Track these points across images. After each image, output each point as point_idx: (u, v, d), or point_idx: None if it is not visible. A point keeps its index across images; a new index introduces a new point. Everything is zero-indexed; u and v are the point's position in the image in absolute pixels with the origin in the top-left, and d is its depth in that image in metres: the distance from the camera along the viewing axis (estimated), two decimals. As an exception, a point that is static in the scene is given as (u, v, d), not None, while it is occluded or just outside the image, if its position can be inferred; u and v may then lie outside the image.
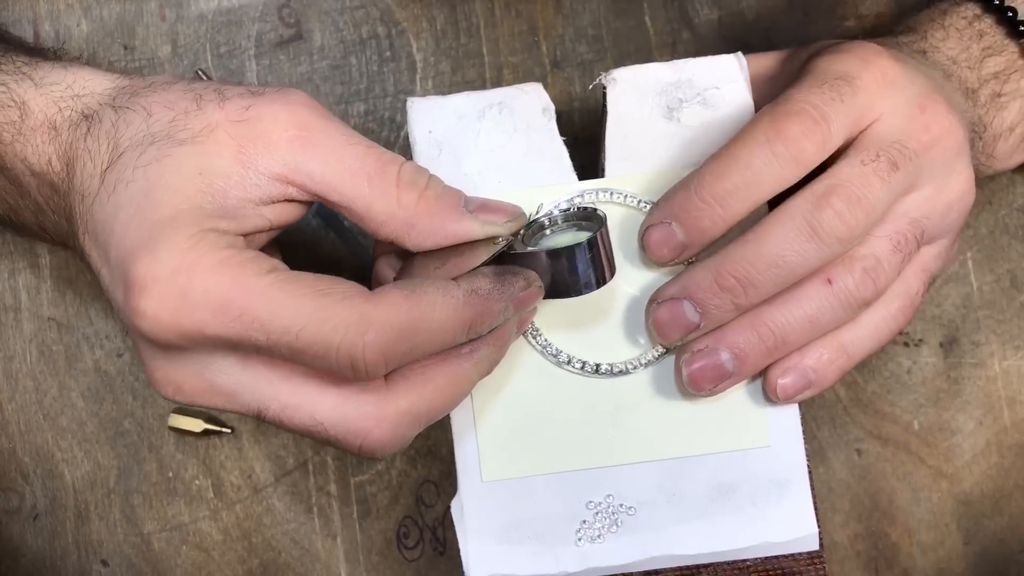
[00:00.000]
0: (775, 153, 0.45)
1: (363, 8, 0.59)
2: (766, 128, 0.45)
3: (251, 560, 0.58)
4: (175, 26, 0.59)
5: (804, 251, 0.45)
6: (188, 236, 0.40)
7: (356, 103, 0.59)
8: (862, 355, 0.48)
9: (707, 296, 0.46)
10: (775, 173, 0.45)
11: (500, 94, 0.49)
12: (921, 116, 0.47)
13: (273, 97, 0.43)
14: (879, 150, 0.46)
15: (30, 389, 0.58)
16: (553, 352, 0.48)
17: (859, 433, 0.58)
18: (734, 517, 0.48)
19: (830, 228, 0.45)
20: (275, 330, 0.39)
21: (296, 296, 0.40)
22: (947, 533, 0.57)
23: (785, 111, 0.45)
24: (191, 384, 0.43)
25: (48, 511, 0.58)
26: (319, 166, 0.42)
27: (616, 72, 0.49)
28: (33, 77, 0.46)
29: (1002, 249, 0.59)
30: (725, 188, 0.45)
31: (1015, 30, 0.52)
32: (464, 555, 0.48)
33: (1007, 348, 0.58)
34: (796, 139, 0.45)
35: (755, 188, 0.45)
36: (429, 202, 0.43)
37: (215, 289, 0.39)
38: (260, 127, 0.42)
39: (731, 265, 0.45)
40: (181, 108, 0.43)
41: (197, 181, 0.41)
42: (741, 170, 0.45)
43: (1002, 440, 0.58)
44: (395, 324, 0.40)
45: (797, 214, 0.45)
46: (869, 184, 0.45)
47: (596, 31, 0.59)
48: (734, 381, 0.47)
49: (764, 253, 0.45)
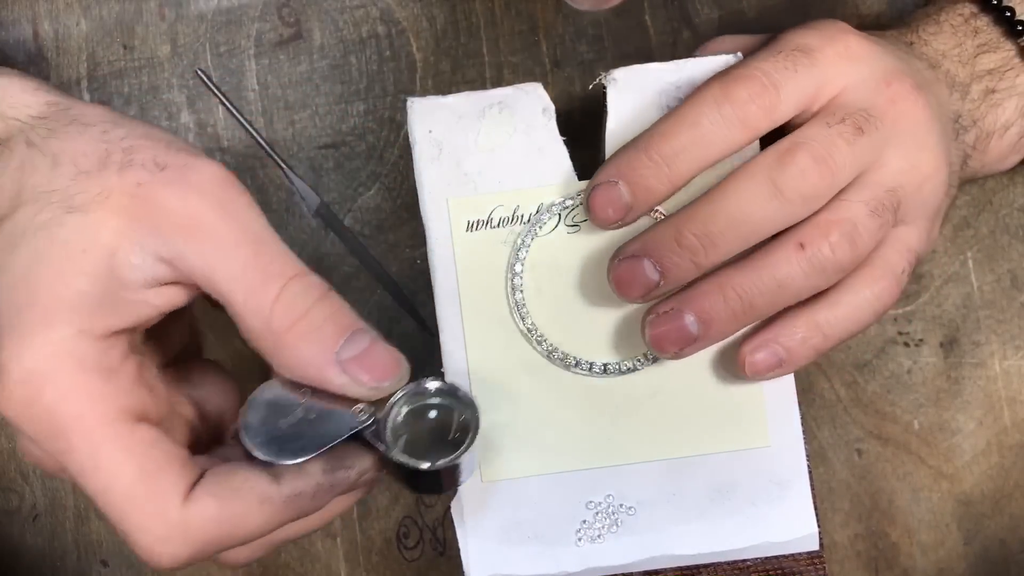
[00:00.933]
0: (723, 115, 0.45)
1: (363, 7, 0.59)
2: (715, 91, 0.45)
3: (251, 560, 0.58)
4: (174, 25, 0.59)
5: (766, 208, 0.45)
6: (58, 339, 0.38)
7: (356, 102, 0.58)
8: (840, 336, 0.48)
9: (666, 254, 0.45)
10: (722, 135, 0.45)
11: (500, 94, 0.49)
12: (886, 89, 0.47)
13: (172, 177, 0.40)
14: (844, 115, 0.46)
15: (30, 389, 0.58)
16: (560, 356, 0.48)
17: (859, 433, 0.58)
18: (734, 517, 0.48)
19: (793, 185, 0.44)
20: (89, 480, 0.39)
21: (124, 459, 0.38)
22: (947, 533, 0.57)
23: (735, 75, 0.46)
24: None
25: (48, 511, 0.58)
26: (199, 261, 0.40)
27: (616, 72, 0.49)
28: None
29: (1003, 249, 0.59)
30: (672, 147, 0.45)
31: (1013, 29, 0.52)
32: (464, 555, 0.48)
33: (1007, 348, 0.58)
34: (743, 102, 0.45)
35: (702, 148, 0.45)
36: (299, 333, 0.40)
37: (55, 412, 0.38)
38: (149, 207, 0.40)
39: (691, 223, 0.45)
40: (85, 165, 0.41)
41: (81, 260, 0.39)
42: (688, 129, 0.45)
43: (1003, 440, 0.58)
44: (201, 539, 0.39)
45: (759, 171, 0.45)
46: (834, 144, 0.45)
47: (596, 31, 0.59)
48: (700, 345, 0.46)
49: (725, 210, 0.45)
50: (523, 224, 0.48)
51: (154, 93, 0.59)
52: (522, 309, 0.48)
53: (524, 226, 0.48)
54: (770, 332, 0.47)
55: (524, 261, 0.48)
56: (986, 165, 0.53)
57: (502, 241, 0.48)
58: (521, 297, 0.48)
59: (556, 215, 0.48)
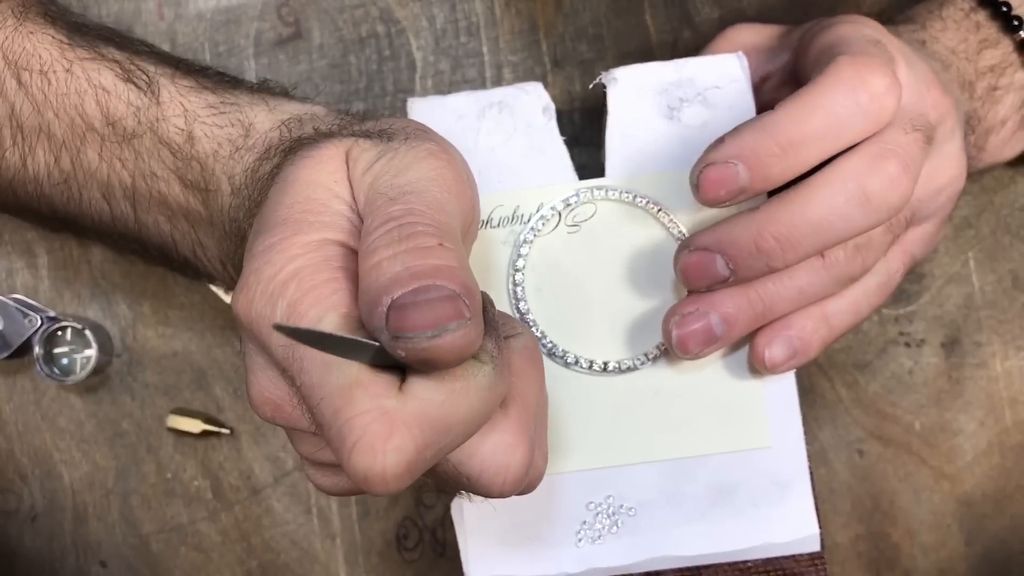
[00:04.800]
0: (859, 103, 0.42)
1: (362, 7, 0.59)
2: (851, 76, 0.42)
3: (250, 561, 0.58)
4: (173, 25, 0.59)
5: (851, 217, 0.43)
6: (315, 238, 0.37)
7: (355, 102, 0.58)
8: (843, 328, 0.48)
9: (743, 255, 0.44)
10: (856, 125, 0.42)
11: (500, 93, 0.49)
12: (928, 95, 0.46)
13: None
14: (911, 121, 0.44)
15: (28, 389, 0.58)
16: (560, 354, 0.48)
17: (860, 434, 0.57)
18: (735, 518, 0.48)
19: (883, 195, 0.42)
20: (305, 382, 0.35)
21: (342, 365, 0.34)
22: (949, 534, 0.57)
23: (866, 63, 0.43)
24: (287, 394, 0.37)
25: (46, 512, 0.58)
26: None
27: (617, 71, 0.49)
28: (268, 103, 0.46)
29: (1004, 249, 0.58)
30: (804, 134, 0.42)
31: (1009, 24, 0.52)
32: (464, 556, 0.48)
33: (1009, 348, 0.58)
34: (880, 94, 0.42)
35: (832, 138, 0.43)
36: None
37: (290, 302, 0.35)
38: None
39: (774, 225, 0.43)
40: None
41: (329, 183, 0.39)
42: (822, 117, 0.42)
43: (1004, 441, 0.58)
44: (424, 424, 0.34)
45: (850, 176, 0.43)
46: (916, 154, 0.43)
47: (597, 30, 0.59)
48: (720, 346, 0.46)
49: (810, 216, 0.43)
50: (523, 224, 0.48)
51: (153, 93, 0.58)
52: (522, 308, 0.48)
53: (524, 226, 0.48)
54: (783, 324, 0.47)
55: (524, 260, 0.48)
56: (981, 161, 0.53)
57: (502, 241, 0.48)
58: (521, 296, 0.48)
59: (556, 215, 0.48)
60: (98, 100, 0.46)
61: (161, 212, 0.48)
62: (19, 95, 0.47)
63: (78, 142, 0.47)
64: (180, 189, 0.46)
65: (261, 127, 0.45)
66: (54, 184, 0.48)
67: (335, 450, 0.33)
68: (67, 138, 0.47)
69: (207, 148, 0.45)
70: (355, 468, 0.33)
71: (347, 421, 0.33)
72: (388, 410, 0.33)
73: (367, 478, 0.33)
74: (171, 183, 0.46)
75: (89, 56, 0.46)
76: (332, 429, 0.33)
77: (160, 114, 0.46)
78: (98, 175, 0.47)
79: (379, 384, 0.34)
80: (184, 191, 0.46)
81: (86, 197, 0.48)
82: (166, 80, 0.46)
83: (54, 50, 0.46)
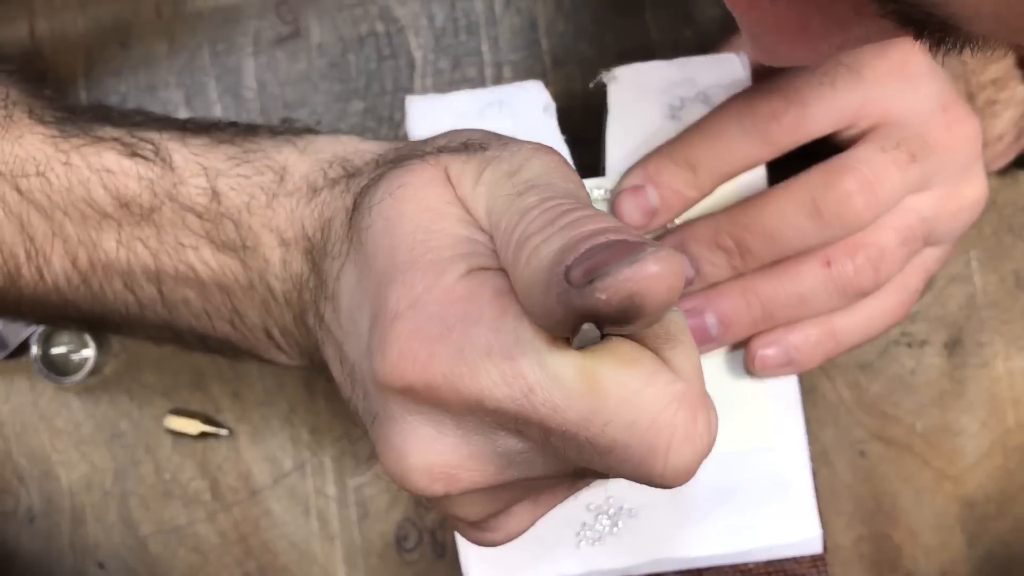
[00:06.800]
0: (744, 128, 0.45)
1: (361, 5, 0.59)
2: (740, 104, 0.45)
3: (248, 563, 0.57)
4: (172, 24, 0.59)
5: (802, 228, 0.44)
6: (459, 274, 0.34)
7: (354, 101, 0.58)
8: (851, 344, 0.47)
9: (702, 251, 0.45)
10: (743, 149, 0.45)
11: (500, 92, 0.49)
12: (943, 115, 0.46)
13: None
14: (899, 140, 0.45)
15: (26, 390, 0.58)
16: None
17: (862, 435, 0.57)
18: (736, 519, 0.48)
19: (835, 209, 0.43)
20: (571, 418, 0.31)
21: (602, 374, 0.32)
22: (951, 535, 0.57)
23: (764, 89, 0.45)
24: (467, 458, 0.34)
25: (44, 513, 0.58)
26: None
27: (617, 70, 0.49)
28: (296, 143, 0.42)
29: (1006, 249, 0.58)
30: (696, 155, 0.45)
31: None
32: (463, 558, 0.48)
33: (1011, 349, 0.58)
34: (765, 118, 0.44)
35: (722, 161, 0.45)
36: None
37: (494, 339, 0.32)
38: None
39: (729, 226, 0.45)
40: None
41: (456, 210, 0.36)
42: (710, 141, 0.45)
43: (1006, 442, 0.57)
44: (701, 385, 0.32)
45: (803, 189, 0.44)
46: (886, 171, 0.44)
47: (597, 28, 0.59)
48: (715, 346, 0.47)
49: (761, 222, 0.44)
50: (523, 223, 0.48)
51: (151, 92, 0.58)
52: (522, 309, 0.48)
53: (524, 225, 0.48)
54: (784, 331, 0.47)
55: (524, 261, 0.48)
56: None
57: (502, 241, 0.48)
58: (521, 297, 0.48)
59: (556, 214, 0.48)
60: (105, 184, 0.42)
61: (190, 288, 0.43)
62: (23, 205, 0.43)
63: (93, 234, 0.43)
64: (212, 254, 0.42)
65: (296, 170, 0.41)
66: (74, 288, 0.44)
67: (634, 467, 0.32)
68: (81, 235, 0.43)
69: (237, 202, 0.41)
70: (676, 466, 0.31)
71: (651, 426, 0.31)
72: (678, 393, 0.31)
73: (688, 470, 0.32)
74: (201, 250, 0.42)
75: (85, 141, 0.42)
76: (630, 447, 0.31)
77: (177, 179, 0.42)
78: (117, 265, 0.43)
79: (652, 371, 0.32)
80: (216, 255, 0.42)
81: (108, 291, 0.44)
82: (176, 144, 0.42)
83: (47, 147, 0.42)
